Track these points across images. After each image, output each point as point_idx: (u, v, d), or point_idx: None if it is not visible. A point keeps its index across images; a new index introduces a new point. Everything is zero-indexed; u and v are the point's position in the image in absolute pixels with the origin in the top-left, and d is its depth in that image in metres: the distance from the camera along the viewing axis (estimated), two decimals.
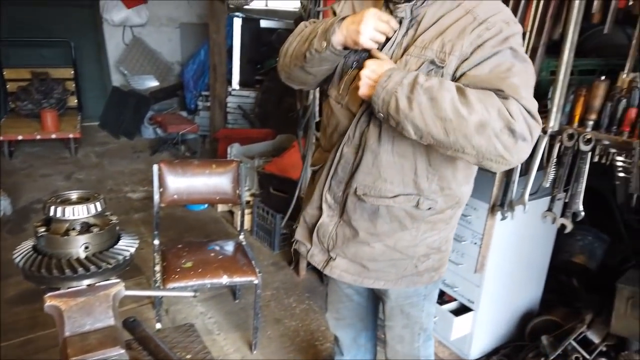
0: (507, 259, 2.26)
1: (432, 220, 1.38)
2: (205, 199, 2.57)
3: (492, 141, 1.06)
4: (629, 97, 1.53)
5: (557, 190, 1.73)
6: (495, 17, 1.16)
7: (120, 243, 1.18)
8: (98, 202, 1.14)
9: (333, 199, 1.41)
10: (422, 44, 1.20)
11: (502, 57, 1.13)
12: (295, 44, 1.38)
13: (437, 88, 1.08)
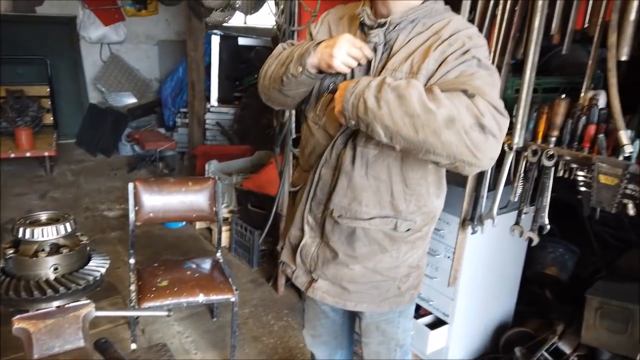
0: (480, 272, 2.31)
1: (412, 240, 1.39)
2: (182, 216, 2.57)
3: (462, 138, 1.04)
4: (588, 115, 1.59)
5: (524, 205, 1.78)
6: (458, 34, 1.20)
7: (91, 263, 1.18)
8: (68, 223, 1.14)
9: (314, 220, 1.42)
10: (393, 66, 1.24)
11: (466, 65, 1.15)
12: (274, 67, 1.40)
13: (405, 86, 1.08)
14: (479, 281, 2.32)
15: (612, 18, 1.38)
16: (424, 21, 1.25)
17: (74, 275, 1.11)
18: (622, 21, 1.37)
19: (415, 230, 1.38)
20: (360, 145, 1.28)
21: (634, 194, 1.43)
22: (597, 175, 1.48)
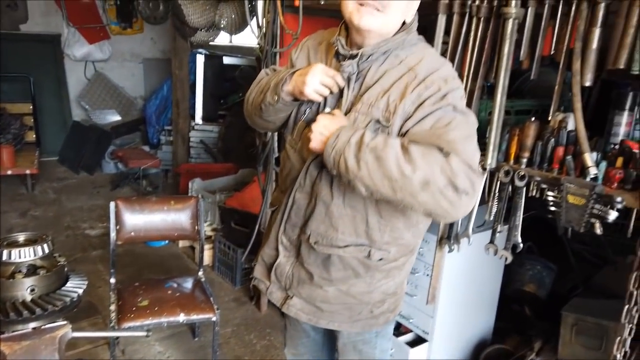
0: (459, 290, 2.34)
1: (386, 269, 1.42)
2: (164, 235, 2.57)
3: (437, 198, 1.10)
4: (557, 137, 1.65)
5: (498, 224, 1.83)
6: (434, 75, 1.22)
7: (68, 284, 1.19)
8: (45, 244, 1.15)
9: (288, 241, 1.45)
10: (369, 101, 1.26)
11: (442, 112, 1.18)
12: (254, 94, 1.45)
13: (382, 147, 1.13)
14: (458, 299, 2.36)
15: (576, 46, 1.45)
16: (397, 53, 1.27)
17: (50, 297, 1.12)
18: (585, 49, 1.44)
19: (389, 261, 1.40)
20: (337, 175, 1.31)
21: (601, 213, 1.48)
22: (566, 195, 1.53)
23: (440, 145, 1.12)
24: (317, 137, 1.23)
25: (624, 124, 1.73)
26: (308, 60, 1.43)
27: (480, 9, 1.65)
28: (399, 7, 1.22)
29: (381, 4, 1.19)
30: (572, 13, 1.46)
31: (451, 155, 1.11)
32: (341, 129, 1.20)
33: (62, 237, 3.96)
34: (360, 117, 1.26)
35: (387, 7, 1.20)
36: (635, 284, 1.42)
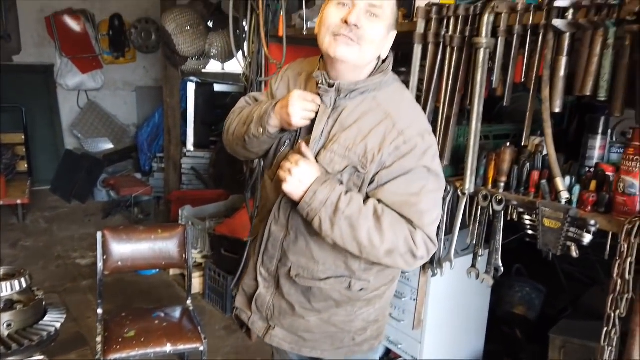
0: (446, 314, 2.34)
1: (368, 298, 1.44)
2: (151, 264, 2.57)
3: (396, 260, 1.27)
4: (532, 161, 1.69)
5: (479, 247, 1.85)
6: (412, 130, 1.26)
7: (46, 318, 1.20)
8: (23, 279, 1.16)
9: (267, 273, 1.46)
10: (346, 143, 1.28)
11: (416, 175, 1.26)
12: (235, 124, 1.46)
13: (357, 217, 1.22)
14: (446, 323, 2.36)
15: (544, 74, 1.50)
16: (374, 94, 1.30)
17: (27, 331, 1.12)
18: (553, 77, 1.48)
19: (370, 290, 1.42)
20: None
21: (576, 236, 1.50)
22: (542, 219, 1.56)
23: (412, 218, 1.25)
24: (293, 183, 1.25)
25: (597, 148, 1.77)
26: (288, 90, 1.44)
27: (453, 39, 1.70)
28: (373, 39, 1.25)
29: (356, 35, 1.22)
30: (539, 42, 1.51)
31: (417, 231, 1.25)
32: (317, 186, 1.24)
33: (52, 267, 3.95)
34: (337, 159, 1.28)
35: (362, 38, 1.23)
36: (612, 306, 1.44)
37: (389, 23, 1.27)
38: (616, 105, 1.38)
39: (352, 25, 1.20)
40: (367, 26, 1.22)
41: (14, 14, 5.48)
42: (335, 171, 1.29)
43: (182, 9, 4.49)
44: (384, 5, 1.23)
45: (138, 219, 4.94)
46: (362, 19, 1.21)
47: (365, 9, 1.21)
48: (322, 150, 1.31)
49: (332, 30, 1.24)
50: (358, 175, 1.28)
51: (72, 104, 6.07)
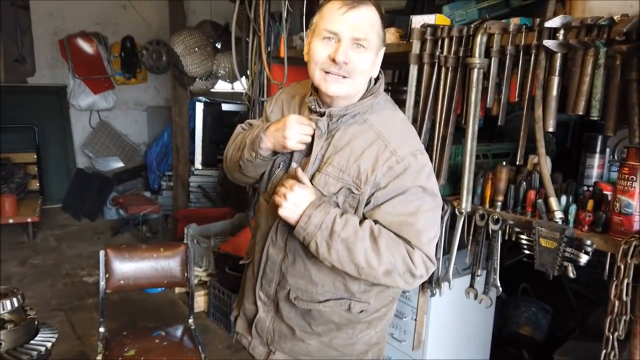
0: (448, 334, 2.31)
1: (368, 320, 1.42)
2: (153, 283, 2.57)
3: (395, 280, 1.27)
4: (529, 180, 1.68)
5: (476, 268, 1.83)
6: (404, 149, 1.26)
7: (38, 337, 1.21)
8: (15, 298, 1.18)
9: (266, 297, 1.45)
10: (340, 165, 1.28)
11: (412, 195, 1.26)
12: (231, 151, 1.49)
13: (353, 240, 1.23)
14: (448, 343, 2.32)
15: (537, 93, 1.50)
16: (365, 117, 1.31)
17: (18, 351, 1.14)
18: (546, 96, 1.48)
19: (370, 312, 1.41)
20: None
21: (572, 257, 1.48)
22: (538, 238, 1.54)
23: (409, 238, 1.25)
24: (289, 208, 1.26)
25: (596, 166, 1.76)
26: (282, 114, 1.45)
27: (447, 59, 1.71)
28: (364, 69, 1.25)
29: (346, 71, 1.23)
30: (532, 62, 1.52)
31: (415, 250, 1.25)
32: (312, 210, 1.24)
33: (60, 285, 3.98)
34: (332, 181, 1.29)
35: (352, 72, 1.24)
36: (611, 328, 1.41)
37: (376, 48, 1.27)
38: (609, 125, 1.37)
39: (340, 63, 1.21)
40: (355, 59, 1.23)
41: (29, 37, 5.64)
42: (330, 193, 1.29)
43: (190, 31, 4.58)
44: (369, 35, 1.24)
45: (146, 236, 4.98)
46: (350, 53, 1.22)
47: (350, 43, 1.22)
48: (317, 173, 1.32)
49: (320, 67, 1.25)
50: (353, 197, 1.28)
51: (84, 124, 6.19)
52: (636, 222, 1.42)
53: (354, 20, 1.21)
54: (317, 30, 1.27)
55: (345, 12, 1.21)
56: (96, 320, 3.41)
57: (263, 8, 2.47)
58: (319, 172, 1.31)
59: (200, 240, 3.76)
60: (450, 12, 2.01)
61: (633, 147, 1.39)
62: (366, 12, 1.23)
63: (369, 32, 1.23)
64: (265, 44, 2.53)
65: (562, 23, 1.42)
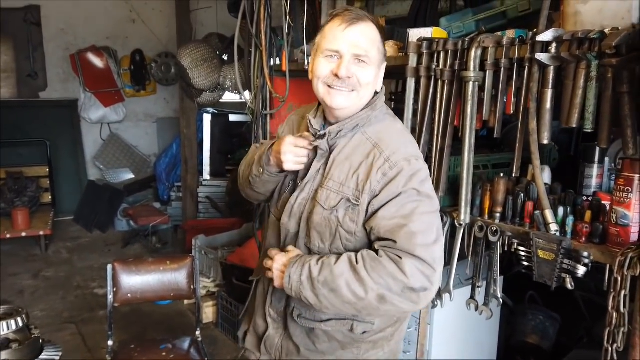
0: (453, 344, 2.31)
1: (373, 340, 1.41)
2: (160, 296, 2.61)
3: (397, 304, 1.20)
4: (527, 192, 1.68)
5: (476, 279, 1.83)
6: (397, 155, 1.27)
7: (42, 356, 1.24)
8: (19, 318, 1.21)
9: (276, 313, 1.46)
10: (339, 179, 1.31)
11: (406, 198, 1.24)
12: (243, 168, 1.54)
13: (331, 279, 1.22)
14: (452, 353, 2.32)
15: (531, 106, 1.51)
16: (364, 129, 1.33)
17: None
18: (540, 109, 1.49)
19: (374, 332, 1.40)
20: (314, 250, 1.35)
21: (570, 268, 1.48)
22: (536, 250, 1.54)
23: (399, 241, 1.20)
24: (277, 276, 1.32)
25: (594, 177, 1.76)
26: (292, 134, 1.48)
27: (443, 72, 1.73)
28: (368, 83, 1.29)
29: (350, 85, 1.27)
30: (525, 75, 1.53)
31: (404, 259, 1.19)
32: (290, 268, 1.28)
33: (71, 297, 4.04)
34: (332, 195, 1.31)
35: (356, 86, 1.28)
36: (609, 339, 1.41)
37: (377, 63, 1.32)
38: (602, 136, 1.38)
39: (344, 77, 1.26)
40: (358, 73, 1.27)
41: (41, 53, 5.77)
42: (331, 206, 1.31)
43: (197, 44, 4.65)
44: (370, 51, 1.28)
45: (156, 247, 5.03)
46: (352, 68, 1.26)
47: (352, 58, 1.26)
48: (320, 188, 1.34)
49: (324, 81, 1.29)
50: (353, 209, 1.29)
51: (95, 137, 6.29)
52: (633, 233, 1.42)
53: (354, 37, 1.26)
54: (319, 49, 1.31)
55: (345, 30, 1.26)
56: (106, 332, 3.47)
57: (264, 23, 2.51)
58: (322, 187, 1.34)
59: (208, 251, 3.80)
60: (448, 24, 2.03)
61: (628, 159, 1.39)
62: (365, 29, 1.28)
63: (369, 48, 1.28)
64: (268, 58, 2.57)
65: (554, 36, 1.43)
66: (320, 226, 1.32)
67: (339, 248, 1.32)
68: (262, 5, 2.49)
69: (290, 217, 1.38)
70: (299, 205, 1.37)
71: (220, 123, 5.48)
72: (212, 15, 5.70)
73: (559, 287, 2.53)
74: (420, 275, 1.18)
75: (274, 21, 2.63)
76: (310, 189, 1.36)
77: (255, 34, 2.57)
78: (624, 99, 1.31)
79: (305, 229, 1.35)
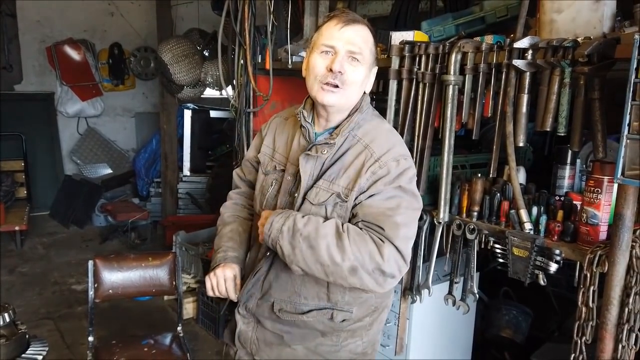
0: (430, 338, 2.38)
1: (352, 329, 1.47)
2: (141, 292, 2.61)
3: (364, 280, 1.27)
4: (503, 191, 1.75)
5: (454, 275, 1.90)
6: (387, 156, 1.33)
7: (29, 351, 1.25)
8: (6, 313, 1.22)
9: (245, 310, 1.50)
10: (330, 178, 1.37)
11: (393, 192, 1.31)
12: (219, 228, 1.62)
13: (314, 236, 1.27)
14: (430, 346, 2.39)
15: (508, 110, 1.57)
16: (354, 133, 1.39)
17: None
18: (516, 113, 1.56)
19: (353, 321, 1.45)
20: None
21: (543, 265, 1.56)
22: (511, 248, 1.61)
23: (384, 227, 1.27)
24: (261, 231, 1.36)
25: (567, 177, 1.84)
26: (274, 137, 1.55)
27: (424, 75, 1.78)
28: (356, 81, 1.36)
29: (340, 80, 1.33)
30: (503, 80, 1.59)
31: (386, 243, 1.26)
32: (273, 216, 1.32)
33: (48, 293, 3.99)
34: (322, 192, 1.36)
35: (345, 82, 1.33)
36: (579, 333, 1.48)
37: (369, 64, 1.38)
38: (575, 140, 1.45)
39: (336, 72, 1.32)
40: (349, 70, 1.33)
41: (16, 44, 5.64)
42: (320, 202, 1.36)
43: (178, 39, 4.62)
44: (363, 50, 1.34)
45: (135, 243, 4.99)
46: (345, 64, 1.33)
47: (346, 55, 1.33)
48: (311, 189, 1.39)
49: (319, 79, 1.35)
50: (341, 206, 1.35)
51: (72, 131, 6.19)
52: (602, 232, 1.50)
53: (349, 35, 1.33)
54: (315, 45, 1.38)
55: (342, 28, 1.33)
56: (85, 328, 3.43)
57: (248, 22, 2.53)
58: (313, 187, 1.38)
59: (188, 247, 3.80)
60: (429, 28, 2.09)
61: (598, 161, 1.47)
62: (360, 29, 1.35)
63: (362, 47, 1.34)
64: (251, 57, 2.59)
65: (530, 44, 1.49)
66: None
67: None
68: (246, 4, 2.51)
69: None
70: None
71: (201, 119, 5.46)
72: (192, 10, 5.67)
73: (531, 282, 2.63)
74: (394, 263, 1.27)
75: (258, 20, 2.65)
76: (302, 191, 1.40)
77: (239, 32, 2.59)
78: (595, 104, 1.39)
79: None
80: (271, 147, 1.54)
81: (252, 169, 1.64)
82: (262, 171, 1.54)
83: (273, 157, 1.52)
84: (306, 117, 1.42)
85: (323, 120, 1.43)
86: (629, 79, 1.20)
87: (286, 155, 1.47)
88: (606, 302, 1.40)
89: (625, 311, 1.37)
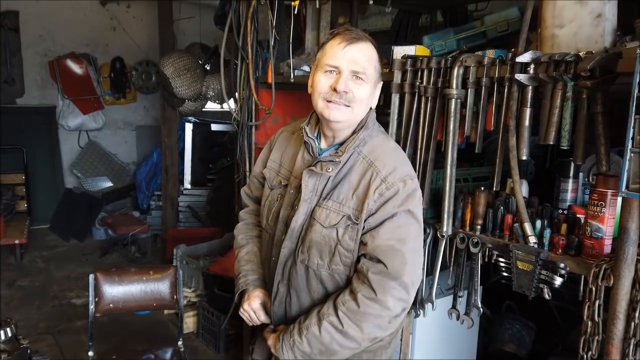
0: (434, 352, 2.35)
1: (373, 349, 1.47)
2: (142, 306, 2.60)
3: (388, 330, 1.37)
4: (506, 205, 1.75)
5: (458, 289, 1.89)
6: (393, 176, 1.34)
7: None
8: (8, 328, 1.21)
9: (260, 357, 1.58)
10: (339, 199, 1.37)
11: (401, 219, 1.33)
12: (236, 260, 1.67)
13: (325, 348, 1.34)
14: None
15: (511, 124, 1.58)
16: (359, 150, 1.39)
17: None
18: (519, 126, 1.56)
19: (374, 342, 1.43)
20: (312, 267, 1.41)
21: (547, 279, 1.55)
22: (515, 261, 1.61)
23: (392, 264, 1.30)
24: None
25: (569, 191, 1.84)
26: (281, 149, 1.57)
27: (427, 89, 1.79)
28: (362, 99, 1.37)
29: (346, 100, 1.34)
30: (505, 94, 1.60)
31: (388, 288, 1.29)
32: (279, 351, 1.40)
33: (48, 308, 3.97)
34: (332, 214, 1.37)
35: (352, 101, 1.35)
36: (585, 347, 1.47)
37: (373, 81, 1.39)
38: (578, 154, 1.45)
39: (341, 92, 1.32)
40: (354, 89, 1.34)
41: (18, 58, 5.68)
42: (331, 225, 1.37)
43: (180, 53, 4.66)
44: (367, 69, 1.35)
45: (135, 257, 4.97)
46: (350, 84, 1.34)
47: (351, 75, 1.34)
48: (317, 207, 1.39)
49: (323, 96, 1.36)
50: (352, 228, 1.36)
51: (72, 144, 6.20)
52: (607, 245, 1.49)
53: (353, 55, 1.33)
54: (319, 65, 1.39)
55: (345, 47, 1.33)
56: (85, 343, 3.39)
57: (251, 36, 2.55)
58: (319, 207, 1.39)
59: (189, 261, 3.79)
60: (430, 42, 2.10)
61: (601, 175, 1.47)
62: (364, 48, 1.35)
63: (366, 65, 1.35)
64: (254, 71, 2.60)
65: (532, 58, 1.50)
66: (319, 244, 1.37)
67: (337, 264, 1.38)
68: (248, 19, 2.53)
69: (286, 236, 1.43)
70: (299, 227, 1.41)
71: (202, 132, 5.48)
72: (194, 25, 5.72)
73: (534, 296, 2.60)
74: (400, 302, 1.32)
75: (260, 34, 2.67)
76: (308, 209, 1.41)
77: (241, 47, 2.60)
78: (598, 118, 1.39)
79: (302, 247, 1.40)
80: (278, 162, 1.55)
81: (259, 185, 1.65)
82: (269, 186, 1.55)
83: (279, 172, 1.53)
84: (309, 133, 1.43)
85: (329, 136, 1.44)
86: (632, 92, 1.20)
87: (291, 170, 1.48)
88: (612, 317, 1.39)
89: (632, 325, 1.36)
